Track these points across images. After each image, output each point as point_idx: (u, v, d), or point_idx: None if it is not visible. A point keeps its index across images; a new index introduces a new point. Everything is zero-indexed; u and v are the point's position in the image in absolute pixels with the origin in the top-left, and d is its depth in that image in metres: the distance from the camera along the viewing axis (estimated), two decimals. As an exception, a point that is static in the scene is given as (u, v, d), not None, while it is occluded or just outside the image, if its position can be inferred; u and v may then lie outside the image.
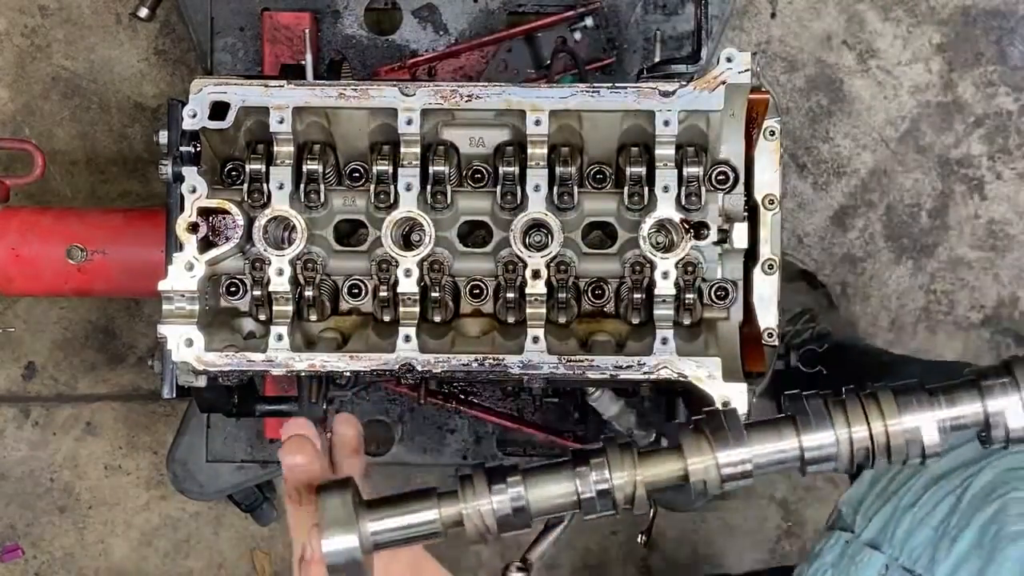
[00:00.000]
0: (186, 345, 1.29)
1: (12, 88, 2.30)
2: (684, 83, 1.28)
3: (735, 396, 1.25)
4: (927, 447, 0.91)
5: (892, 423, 0.91)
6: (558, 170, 1.33)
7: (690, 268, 1.32)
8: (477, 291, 1.40)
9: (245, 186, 1.33)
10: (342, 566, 0.86)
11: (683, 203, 1.31)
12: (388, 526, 0.90)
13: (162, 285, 1.30)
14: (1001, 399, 0.91)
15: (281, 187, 1.31)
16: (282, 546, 2.44)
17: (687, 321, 1.35)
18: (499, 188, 1.35)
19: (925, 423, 0.91)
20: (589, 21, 1.99)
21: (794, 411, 0.94)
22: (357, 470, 1.02)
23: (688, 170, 1.31)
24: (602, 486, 0.94)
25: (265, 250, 1.30)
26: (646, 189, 1.33)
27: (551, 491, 0.93)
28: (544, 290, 1.30)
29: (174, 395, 1.35)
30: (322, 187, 1.35)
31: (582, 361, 1.29)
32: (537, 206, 1.31)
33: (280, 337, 1.30)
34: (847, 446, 0.93)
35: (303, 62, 1.48)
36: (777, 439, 0.93)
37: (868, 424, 0.92)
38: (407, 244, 1.34)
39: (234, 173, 1.38)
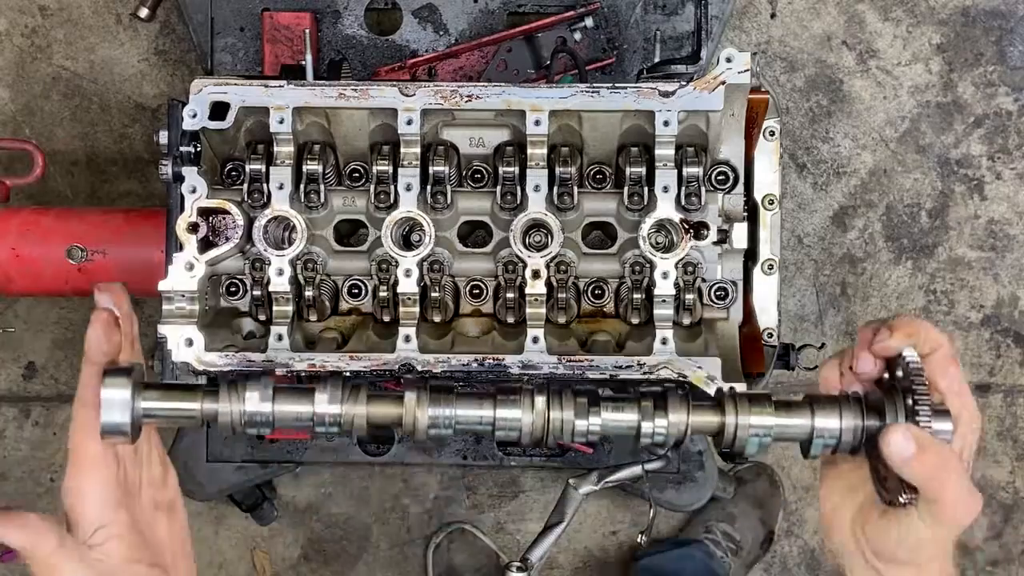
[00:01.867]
0: (186, 345, 1.29)
1: (12, 88, 2.30)
2: (684, 83, 1.28)
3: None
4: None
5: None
6: (558, 170, 1.33)
7: (690, 268, 1.32)
8: (477, 291, 1.40)
9: (245, 186, 1.33)
10: (117, 432, 1.02)
11: (683, 203, 1.31)
12: (158, 406, 1.05)
13: (162, 285, 1.30)
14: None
15: (281, 187, 1.31)
16: (282, 546, 2.44)
17: (687, 321, 1.35)
18: (499, 188, 1.35)
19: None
20: (589, 21, 1.99)
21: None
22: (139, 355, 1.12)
23: (688, 170, 1.31)
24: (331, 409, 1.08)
25: (265, 250, 1.30)
26: (646, 189, 1.33)
27: (292, 409, 1.07)
28: (544, 290, 1.30)
29: (174, 395, 1.35)
30: (322, 187, 1.35)
31: (582, 361, 1.29)
32: (537, 206, 1.31)
33: (280, 337, 1.30)
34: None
35: (303, 62, 1.48)
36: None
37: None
38: (407, 244, 1.34)
39: (234, 173, 1.38)
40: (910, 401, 1.02)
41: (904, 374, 1.04)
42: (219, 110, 1.30)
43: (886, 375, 1.08)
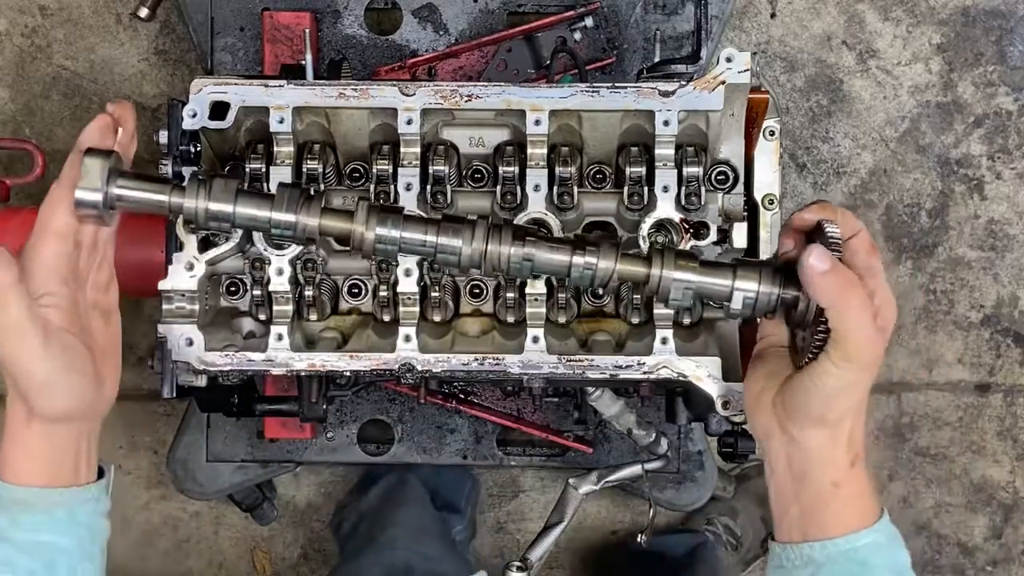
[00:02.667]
0: (186, 345, 1.29)
1: (12, 88, 2.30)
2: (684, 83, 1.28)
3: (735, 396, 1.26)
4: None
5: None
6: (558, 170, 1.33)
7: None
8: (477, 291, 1.40)
9: (245, 186, 1.33)
10: (87, 204, 1.08)
11: (683, 203, 1.31)
12: (129, 193, 1.10)
13: (162, 285, 1.30)
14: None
15: (281, 187, 1.31)
16: (282, 546, 2.44)
17: (687, 321, 1.35)
18: (499, 188, 1.35)
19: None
20: (589, 21, 1.99)
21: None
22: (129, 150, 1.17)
23: (688, 170, 1.31)
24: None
25: (265, 250, 1.30)
26: (646, 189, 1.33)
27: (252, 212, 1.13)
28: (544, 290, 1.30)
29: (174, 395, 1.35)
30: (322, 187, 1.35)
31: (582, 361, 1.29)
32: (537, 206, 1.31)
33: (280, 337, 1.30)
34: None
35: (303, 62, 1.48)
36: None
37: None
38: (407, 244, 1.34)
39: (234, 173, 1.38)
40: None
41: (823, 245, 1.07)
42: (219, 110, 1.30)
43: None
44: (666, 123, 1.28)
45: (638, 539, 1.66)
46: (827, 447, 1.08)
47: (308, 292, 1.34)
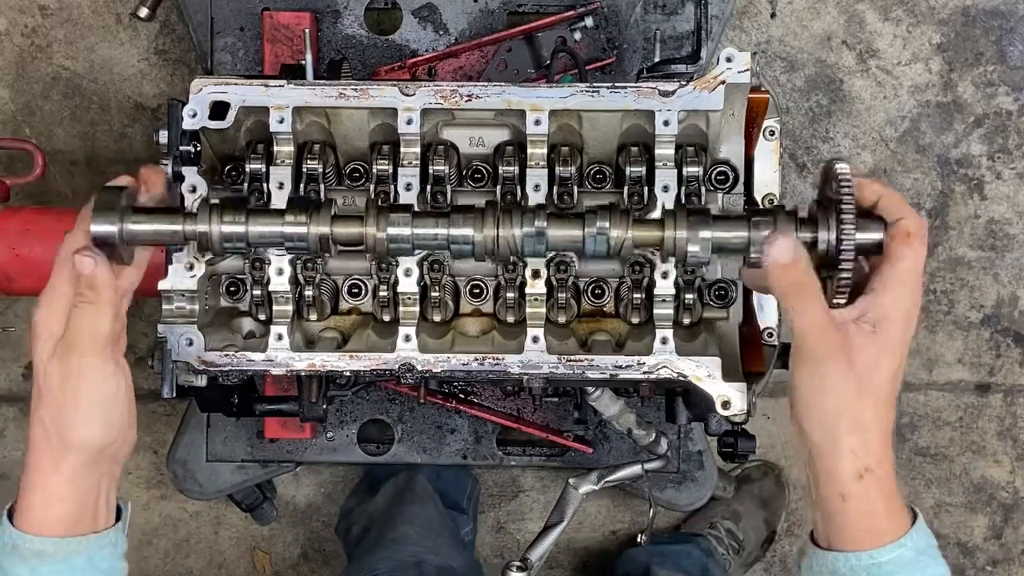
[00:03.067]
0: (186, 345, 1.29)
1: (12, 88, 2.30)
2: (684, 83, 1.28)
3: (734, 396, 1.26)
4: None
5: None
6: (558, 170, 1.33)
7: (690, 268, 1.32)
8: (477, 291, 1.40)
9: (245, 186, 1.33)
10: (102, 238, 1.10)
11: (683, 203, 1.31)
12: (143, 227, 1.12)
13: (162, 285, 1.30)
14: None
15: (281, 187, 1.31)
16: (282, 546, 2.44)
17: (687, 321, 1.35)
18: (499, 188, 1.35)
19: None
20: (589, 21, 1.99)
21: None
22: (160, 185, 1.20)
23: (688, 170, 1.31)
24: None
25: (265, 250, 1.30)
26: (646, 189, 1.33)
27: (264, 229, 1.15)
28: (544, 290, 1.30)
29: (174, 395, 1.35)
30: (322, 187, 1.35)
31: (582, 361, 1.29)
32: (537, 206, 1.31)
33: (280, 337, 1.30)
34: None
35: (303, 62, 1.48)
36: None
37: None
38: (407, 244, 1.34)
39: (234, 173, 1.38)
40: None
41: (834, 185, 1.07)
42: (219, 110, 1.30)
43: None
44: (666, 123, 1.28)
45: (638, 539, 1.66)
46: (828, 458, 1.06)
47: (308, 292, 1.34)
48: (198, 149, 1.33)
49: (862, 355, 1.04)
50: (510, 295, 1.35)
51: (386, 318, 1.36)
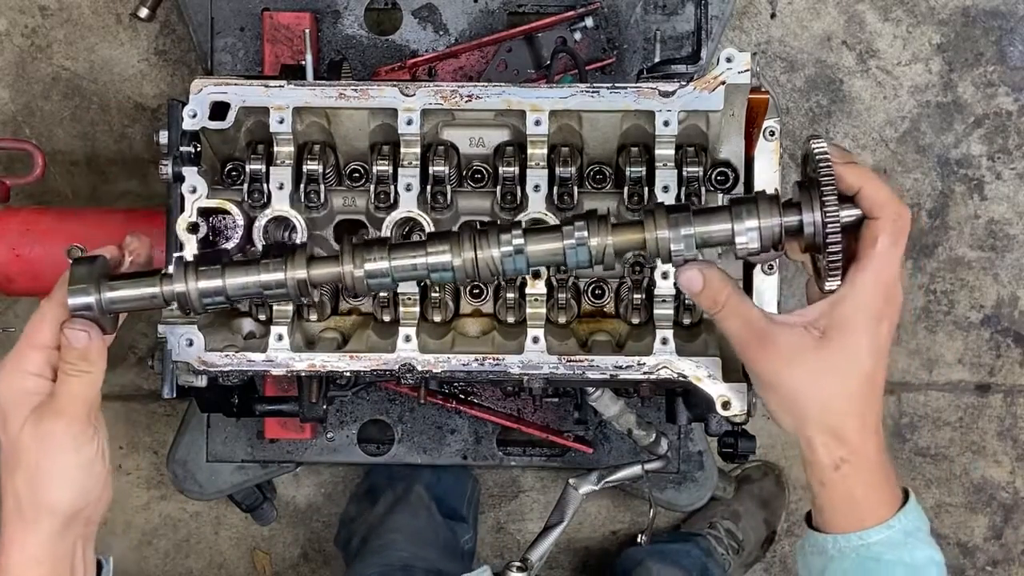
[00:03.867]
0: (186, 345, 1.29)
1: (12, 88, 2.30)
2: (684, 83, 1.28)
3: (735, 396, 1.25)
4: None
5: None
6: (558, 170, 1.33)
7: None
8: (477, 291, 1.40)
9: (245, 186, 1.33)
10: (81, 310, 1.08)
11: (682, 202, 1.31)
12: (120, 293, 1.10)
13: (162, 285, 1.30)
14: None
15: (281, 187, 1.31)
16: (282, 546, 2.44)
17: (687, 321, 1.35)
18: (499, 188, 1.35)
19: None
20: (589, 21, 1.99)
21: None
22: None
23: (688, 170, 1.31)
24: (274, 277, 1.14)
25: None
26: (646, 189, 1.33)
27: (241, 280, 1.12)
28: (544, 290, 1.30)
29: (174, 395, 1.35)
30: (322, 187, 1.35)
31: (582, 361, 1.29)
32: (537, 206, 1.31)
33: (280, 337, 1.30)
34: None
35: (303, 62, 1.48)
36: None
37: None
38: (407, 244, 1.34)
39: (234, 173, 1.38)
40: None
41: (812, 166, 1.05)
42: (219, 110, 1.30)
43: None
44: (666, 123, 1.28)
45: (638, 539, 1.66)
46: (806, 449, 1.09)
47: (308, 292, 1.34)
48: (198, 149, 1.33)
49: (807, 360, 1.06)
50: (510, 295, 1.35)
51: (386, 318, 1.36)
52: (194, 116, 1.29)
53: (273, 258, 1.12)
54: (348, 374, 1.32)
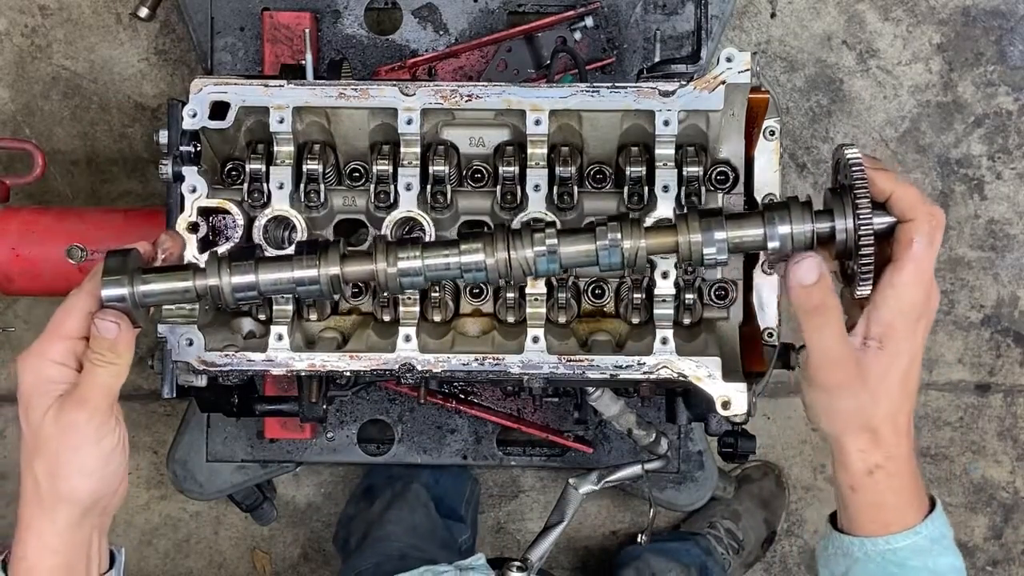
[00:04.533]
0: (186, 345, 1.29)
1: (12, 88, 2.30)
2: (684, 83, 1.28)
3: (735, 396, 1.25)
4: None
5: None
6: (558, 170, 1.33)
7: (690, 268, 1.32)
8: (477, 291, 1.40)
9: (245, 186, 1.33)
10: (114, 301, 1.08)
11: (683, 203, 1.31)
12: (154, 287, 1.10)
13: (162, 285, 1.30)
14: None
15: (281, 187, 1.31)
16: (282, 546, 2.44)
17: (687, 321, 1.35)
18: (499, 188, 1.35)
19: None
20: (589, 21, 1.99)
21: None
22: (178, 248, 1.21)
23: (688, 170, 1.31)
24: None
25: (265, 249, 1.30)
26: (646, 189, 1.33)
27: (274, 276, 1.12)
28: (544, 290, 1.30)
29: (174, 395, 1.35)
30: (322, 187, 1.35)
31: (582, 361, 1.29)
32: (537, 206, 1.31)
33: (280, 337, 1.30)
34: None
35: (303, 62, 1.48)
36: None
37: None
38: (407, 244, 1.34)
39: (234, 173, 1.38)
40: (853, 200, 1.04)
41: (845, 172, 1.05)
42: (219, 110, 1.30)
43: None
44: (666, 123, 1.28)
45: (638, 539, 1.66)
46: (840, 452, 1.09)
47: (308, 292, 1.34)
48: (198, 149, 1.33)
49: (872, 372, 1.06)
50: (510, 295, 1.35)
51: (386, 318, 1.36)
52: (194, 116, 1.29)
53: (306, 255, 1.13)
54: (348, 374, 1.32)
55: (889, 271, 1.05)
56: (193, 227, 1.30)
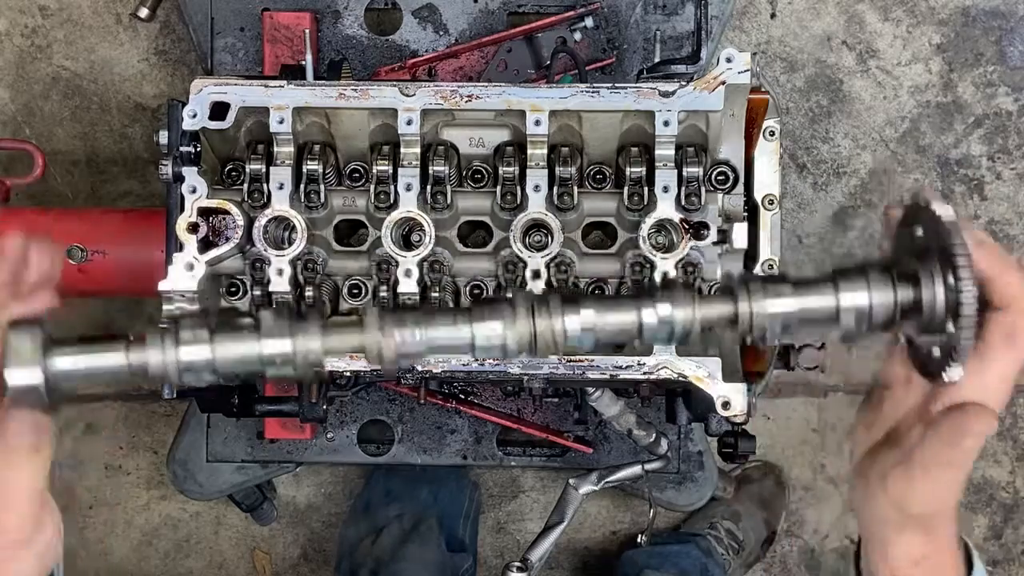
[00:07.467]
0: (186, 345, 1.28)
1: (12, 88, 2.30)
2: (684, 83, 1.28)
3: (735, 396, 1.26)
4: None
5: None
6: (558, 170, 1.33)
7: (690, 268, 1.32)
8: (477, 291, 1.40)
9: (245, 186, 1.33)
10: (23, 393, 0.85)
11: (683, 203, 1.31)
12: (75, 366, 0.86)
13: (162, 285, 1.30)
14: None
15: (281, 187, 1.31)
16: (282, 546, 2.44)
17: (687, 321, 1.35)
18: (499, 188, 1.35)
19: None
20: (589, 21, 1.99)
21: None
22: (44, 303, 0.94)
23: (688, 170, 1.31)
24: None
25: (265, 250, 1.30)
26: (646, 189, 1.33)
27: (234, 350, 0.87)
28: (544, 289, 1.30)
29: (174, 395, 1.35)
30: (322, 187, 1.35)
31: (582, 361, 1.29)
32: (537, 206, 1.31)
33: (280, 337, 1.30)
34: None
35: (303, 62, 1.48)
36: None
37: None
38: (407, 244, 1.34)
39: (234, 173, 1.38)
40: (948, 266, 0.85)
41: (936, 232, 0.86)
42: (219, 110, 1.30)
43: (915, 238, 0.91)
44: (666, 123, 1.28)
45: (638, 539, 1.66)
46: (877, 543, 0.97)
47: (308, 292, 1.34)
48: (198, 149, 1.33)
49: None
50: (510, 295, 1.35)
51: (386, 318, 1.36)
52: (194, 116, 1.29)
53: (276, 321, 0.88)
54: (348, 374, 1.32)
55: (979, 364, 0.90)
56: (193, 227, 1.30)
